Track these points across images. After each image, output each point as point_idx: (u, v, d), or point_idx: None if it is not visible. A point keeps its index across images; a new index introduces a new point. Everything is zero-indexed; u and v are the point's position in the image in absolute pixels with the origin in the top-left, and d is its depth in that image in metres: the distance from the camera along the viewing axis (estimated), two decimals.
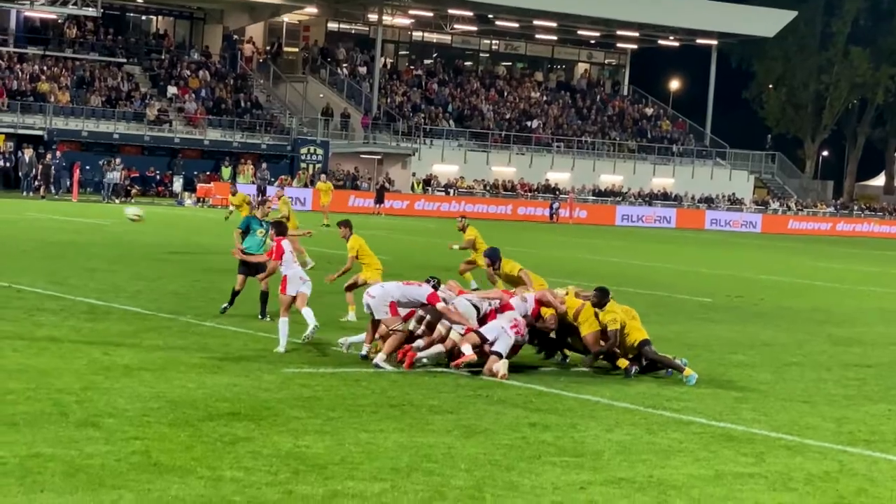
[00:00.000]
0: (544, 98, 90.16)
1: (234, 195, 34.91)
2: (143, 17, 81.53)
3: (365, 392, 14.57)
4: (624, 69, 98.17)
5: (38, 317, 19.13)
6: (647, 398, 15.37)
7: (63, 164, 61.75)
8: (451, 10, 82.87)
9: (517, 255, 22.34)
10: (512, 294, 17.69)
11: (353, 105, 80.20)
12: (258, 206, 25.04)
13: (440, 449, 11.81)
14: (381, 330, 16.80)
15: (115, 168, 61.63)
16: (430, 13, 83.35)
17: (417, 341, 16.90)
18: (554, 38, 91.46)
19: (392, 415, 13.34)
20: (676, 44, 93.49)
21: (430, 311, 16.89)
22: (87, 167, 63.09)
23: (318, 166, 71.68)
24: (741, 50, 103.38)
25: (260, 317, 20.27)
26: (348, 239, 20.74)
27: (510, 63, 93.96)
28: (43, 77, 69.44)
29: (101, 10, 68.90)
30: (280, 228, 18.56)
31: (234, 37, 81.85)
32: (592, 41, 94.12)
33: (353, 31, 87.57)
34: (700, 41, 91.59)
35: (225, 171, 67.98)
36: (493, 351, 16.31)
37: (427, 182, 76.02)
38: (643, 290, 29.13)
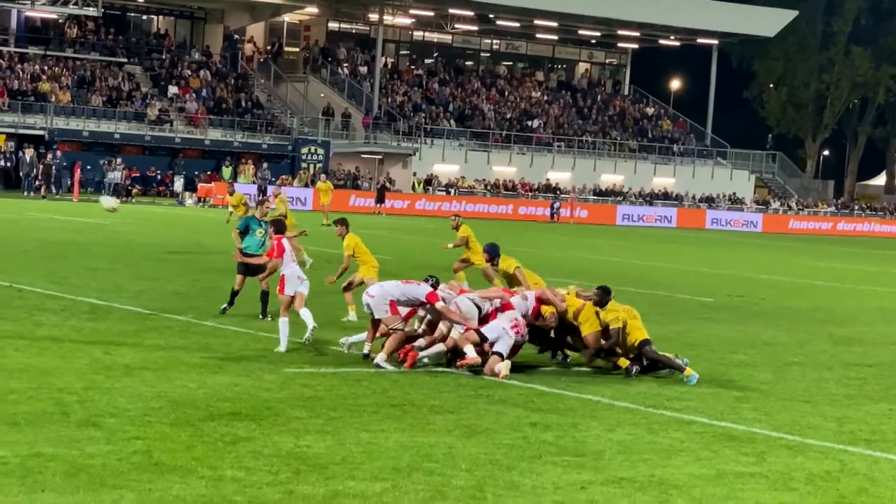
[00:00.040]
0: (545, 98, 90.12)
1: (232, 195, 34.85)
2: (144, 17, 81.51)
3: (366, 392, 14.57)
4: (625, 69, 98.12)
5: (39, 316, 19.13)
6: (649, 398, 15.37)
7: (64, 164, 61.75)
8: (451, 10, 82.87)
9: (518, 254, 22.29)
10: (513, 293, 17.70)
11: (353, 105, 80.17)
12: (257, 205, 25.02)
13: (441, 449, 11.81)
14: (382, 329, 16.82)
15: (115, 168, 61.68)
16: (430, 13, 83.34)
17: (419, 340, 16.92)
18: (555, 37, 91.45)
19: (393, 414, 13.34)
20: (677, 43, 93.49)
21: (430, 310, 16.92)
22: (88, 167, 63.14)
23: (319, 166, 71.67)
24: (742, 49, 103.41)
25: (261, 316, 20.27)
26: (344, 237, 20.77)
27: (511, 63, 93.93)
28: (44, 77, 69.43)
29: (102, 10, 68.93)
30: (279, 226, 18.58)
31: (235, 36, 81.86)
32: (593, 41, 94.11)
33: (353, 31, 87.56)
34: (701, 41, 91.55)
35: (226, 170, 67.96)
36: (494, 351, 16.32)
37: (428, 182, 76.00)
38: (644, 290, 29.12)
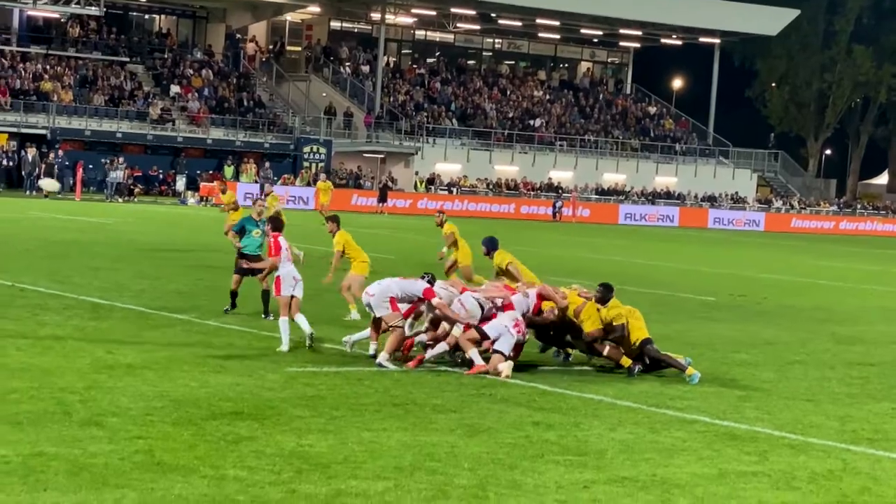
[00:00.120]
0: (547, 97, 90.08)
1: (224, 193, 33.72)
2: (146, 16, 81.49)
3: (368, 391, 14.57)
4: (627, 68, 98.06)
5: (41, 315, 19.14)
6: (651, 397, 15.37)
7: (66, 164, 61.77)
8: (453, 9, 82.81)
9: (520, 254, 22.30)
10: (514, 290, 17.69)
11: (355, 104, 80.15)
12: (253, 203, 24.89)
13: (443, 448, 11.81)
14: (384, 328, 16.87)
15: (118, 167, 61.67)
16: (432, 12, 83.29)
17: (421, 336, 17.01)
18: (557, 36, 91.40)
19: (395, 414, 13.34)
20: (679, 42, 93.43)
21: (428, 307, 17.00)
22: (91, 166, 63.15)
23: (321, 165, 71.66)
24: (744, 48, 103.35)
25: (263, 316, 20.28)
26: (335, 234, 20.81)
27: (513, 62, 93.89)
28: (46, 76, 69.44)
29: (104, 9, 68.95)
30: (276, 224, 18.56)
31: (237, 36, 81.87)
32: (595, 40, 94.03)
33: (355, 30, 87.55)
34: (703, 40, 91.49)
35: (228, 170, 67.94)
36: (495, 350, 16.32)
37: (430, 181, 75.96)
38: (646, 289, 29.11)
